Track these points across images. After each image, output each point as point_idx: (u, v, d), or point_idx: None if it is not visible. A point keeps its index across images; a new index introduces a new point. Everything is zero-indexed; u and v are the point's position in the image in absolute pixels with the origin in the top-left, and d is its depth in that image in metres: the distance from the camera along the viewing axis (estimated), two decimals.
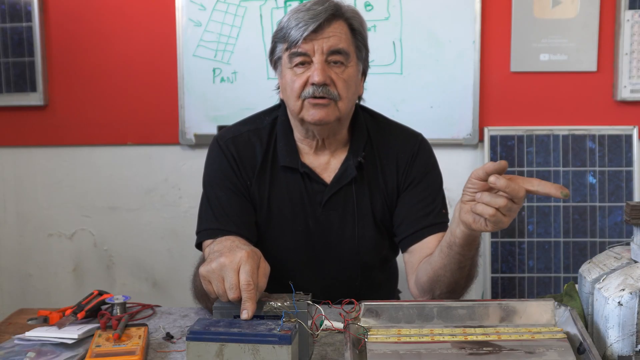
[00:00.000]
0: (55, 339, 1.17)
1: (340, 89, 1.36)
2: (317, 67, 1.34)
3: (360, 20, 1.42)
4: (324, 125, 1.39)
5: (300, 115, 1.38)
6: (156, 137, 2.76)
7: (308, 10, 1.35)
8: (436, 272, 1.30)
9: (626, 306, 0.99)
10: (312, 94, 1.35)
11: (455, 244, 1.21)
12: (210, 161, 1.50)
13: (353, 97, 1.42)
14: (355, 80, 1.42)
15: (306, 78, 1.35)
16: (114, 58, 2.74)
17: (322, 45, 1.34)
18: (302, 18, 1.34)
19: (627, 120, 2.63)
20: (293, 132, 1.47)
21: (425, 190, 1.46)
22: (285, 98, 1.43)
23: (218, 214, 1.42)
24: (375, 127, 1.51)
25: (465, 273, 1.29)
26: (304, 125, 1.41)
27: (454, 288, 1.31)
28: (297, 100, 1.37)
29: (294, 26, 1.34)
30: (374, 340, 1.03)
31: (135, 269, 2.85)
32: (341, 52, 1.36)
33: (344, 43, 1.37)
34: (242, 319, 1.02)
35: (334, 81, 1.35)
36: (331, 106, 1.36)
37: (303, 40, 1.33)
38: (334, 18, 1.36)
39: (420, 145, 1.50)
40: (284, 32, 1.37)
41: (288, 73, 1.38)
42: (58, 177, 2.84)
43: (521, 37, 2.62)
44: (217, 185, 1.45)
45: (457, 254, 1.23)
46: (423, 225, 1.42)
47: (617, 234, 2.60)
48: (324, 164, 1.47)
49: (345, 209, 1.45)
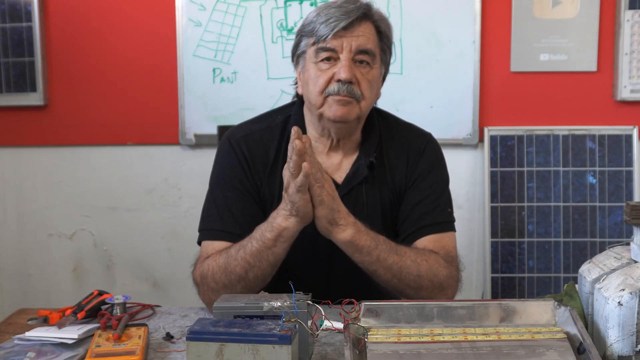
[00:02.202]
0: (55, 339, 1.17)
1: (364, 89, 1.37)
2: (345, 64, 1.34)
3: (387, 25, 1.43)
4: (343, 123, 1.39)
5: (321, 110, 1.38)
6: (156, 137, 2.76)
7: (339, 7, 1.35)
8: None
9: (626, 306, 0.99)
10: (336, 91, 1.35)
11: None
12: (220, 159, 1.49)
13: (374, 99, 1.43)
14: (378, 82, 1.43)
15: (331, 74, 1.35)
16: (114, 58, 2.74)
17: (350, 43, 1.35)
18: (333, 14, 1.34)
19: (627, 120, 2.63)
20: (306, 131, 1.47)
21: (429, 189, 1.46)
22: (306, 93, 1.42)
23: (224, 215, 1.41)
24: (385, 126, 1.52)
25: (388, 277, 1.33)
26: (321, 122, 1.41)
27: (399, 292, 1.36)
28: (320, 96, 1.37)
29: (324, 21, 1.34)
30: (374, 340, 1.03)
31: (135, 269, 2.85)
32: (368, 53, 1.37)
33: (372, 44, 1.37)
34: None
35: (358, 80, 1.36)
36: (353, 104, 1.36)
37: (332, 36, 1.34)
38: (364, 18, 1.37)
39: (428, 144, 1.51)
40: (312, 26, 1.37)
41: (312, 68, 1.38)
42: (58, 177, 2.84)
43: (521, 37, 2.62)
44: (225, 184, 1.44)
45: (356, 262, 1.33)
46: (422, 224, 1.42)
47: (617, 234, 2.60)
48: (336, 164, 1.47)
49: (356, 209, 1.44)
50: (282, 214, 1.28)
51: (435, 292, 1.35)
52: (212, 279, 1.34)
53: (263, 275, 1.31)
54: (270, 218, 1.30)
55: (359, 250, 1.31)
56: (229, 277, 1.31)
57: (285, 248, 1.30)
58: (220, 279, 1.32)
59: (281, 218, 1.28)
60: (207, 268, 1.35)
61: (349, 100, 1.35)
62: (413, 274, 1.33)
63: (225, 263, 1.32)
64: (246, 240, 1.32)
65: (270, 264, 1.30)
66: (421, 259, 1.35)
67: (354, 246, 1.30)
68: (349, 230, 1.29)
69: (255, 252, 1.29)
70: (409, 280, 1.33)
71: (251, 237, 1.31)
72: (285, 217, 1.27)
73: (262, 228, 1.30)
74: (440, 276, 1.36)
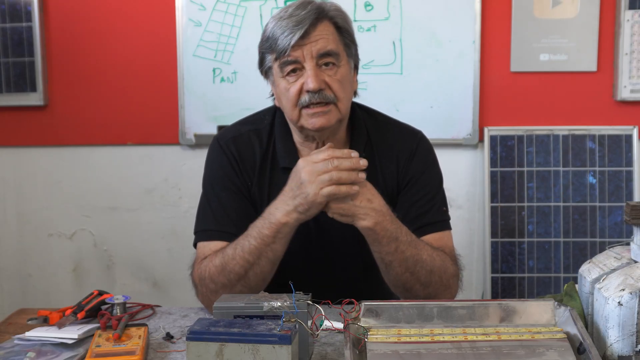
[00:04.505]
0: (55, 339, 1.17)
1: (336, 90, 1.35)
2: (310, 73, 1.32)
3: (344, 17, 1.40)
4: (326, 130, 1.39)
5: (300, 124, 1.38)
6: (156, 137, 2.76)
7: (291, 17, 1.33)
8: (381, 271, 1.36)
9: (626, 306, 0.99)
10: (308, 101, 1.33)
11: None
12: (210, 161, 1.49)
13: (350, 96, 1.42)
14: (349, 78, 1.41)
15: (300, 85, 1.34)
16: (114, 58, 2.74)
17: (310, 50, 1.33)
18: (286, 26, 1.33)
19: (627, 120, 2.63)
20: (291, 133, 1.47)
21: (423, 189, 1.45)
22: (282, 107, 1.42)
23: (218, 215, 1.41)
24: (373, 125, 1.50)
25: (401, 271, 1.31)
26: (303, 131, 1.41)
27: (407, 289, 1.34)
28: (295, 109, 1.36)
29: (280, 35, 1.33)
30: (374, 340, 1.03)
31: (135, 269, 2.85)
32: (331, 54, 1.35)
33: (333, 44, 1.35)
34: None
35: (328, 84, 1.34)
36: (331, 110, 1.35)
37: (291, 48, 1.32)
38: (318, 20, 1.34)
39: (419, 144, 1.50)
40: (270, 42, 1.36)
41: (281, 82, 1.37)
42: (58, 177, 2.84)
43: (521, 37, 2.62)
44: (218, 185, 1.45)
45: (373, 251, 1.31)
46: (419, 224, 1.42)
47: (617, 234, 2.60)
48: None
49: None
50: (284, 209, 1.27)
51: (441, 289, 1.35)
52: (211, 280, 1.33)
53: (262, 273, 1.31)
54: (265, 214, 1.30)
55: (378, 240, 1.29)
56: (228, 277, 1.31)
57: (284, 244, 1.30)
58: (219, 280, 1.32)
59: (281, 213, 1.27)
60: (205, 269, 1.35)
61: (325, 109, 1.34)
62: (426, 269, 1.32)
63: (223, 263, 1.32)
64: (242, 238, 1.32)
65: (269, 261, 1.30)
66: (436, 254, 1.35)
67: (375, 234, 1.29)
68: (370, 218, 1.28)
69: (254, 250, 1.29)
70: (420, 275, 1.32)
71: (248, 235, 1.31)
72: (287, 213, 1.27)
73: (259, 225, 1.30)
74: (449, 273, 1.36)
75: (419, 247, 1.32)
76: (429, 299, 1.32)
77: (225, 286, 1.32)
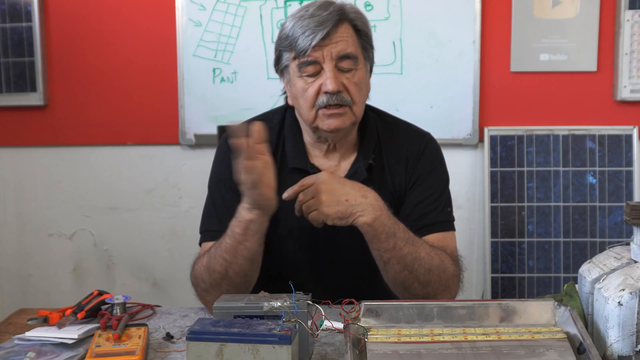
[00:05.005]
0: (55, 339, 1.17)
1: (353, 93, 1.36)
2: (329, 75, 1.32)
3: (363, 20, 1.40)
4: (340, 132, 1.39)
5: (315, 124, 1.38)
6: (156, 137, 2.76)
7: (312, 17, 1.33)
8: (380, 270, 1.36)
9: (626, 306, 0.99)
10: (326, 102, 1.34)
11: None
12: (218, 161, 1.49)
13: (365, 99, 1.42)
14: (365, 81, 1.41)
15: (318, 86, 1.34)
16: (114, 58, 2.74)
17: (331, 51, 1.33)
18: (307, 26, 1.32)
19: (627, 120, 2.63)
20: (302, 133, 1.47)
21: (429, 189, 1.45)
22: (297, 106, 1.41)
23: (222, 216, 1.41)
24: (383, 126, 1.51)
25: (399, 269, 1.30)
26: (317, 132, 1.41)
27: (406, 288, 1.33)
28: (311, 110, 1.36)
29: (301, 34, 1.32)
30: (374, 340, 1.03)
31: (135, 269, 2.85)
32: (350, 57, 1.35)
33: (352, 47, 1.35)
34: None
35: (346, 87, 1.35)
36: (347, 113, 1.36)
37: (312, 48, 1.32)
38: (339, 22, 1.34)
39: (427, 144, 1.50)
40: (289, 40, 1.35)
41: (299, 82, 1.37)
42: (58, 177, 2.84)
43: (521, 37, 2.62)
44: (224, 185, 1.45)
45: (372, 248, 1.31)
46: (422, 224, 1.42)
47: (617, 234, 2.60)
48: (334, 166, 1.46)
49: None
50: (245, 207, 1.28)
51: (440, 289, 1.35)
52: (201, 280, 1.35)
53: (242, 271, 1.31)
54: (237, 213, 1.31)
55: (377, 237, 1.29)
56: (212, 276, 1.32)
57: (257, 241, 1.30)
58: (207, 279, 1.33)
59: (245, 211, 1.28)
60: (197, 269, 1.37)
61: (341, 112, 1.35)
62: (425, 267, 1.32)
63: (208, 263, 1.33)
64: (222, 238, 1.33)
65: (246, 259, 1.30)
66: (434, 253, 1.35)
67: (374, 230, 1.29)
68: (368, 214, 1.28)
69: (230, 249, 1.30)
70: (419, 274, 1.32)
71: (225, 234, 1.32)
72: (248, 210, 1.28)
73: (232, 224, 1.31)
74: (448, 273, 1.36)
75: (416, 244, 1.33)
76: (428, 299, 1.32)
77: (213, 285, 1.33)
